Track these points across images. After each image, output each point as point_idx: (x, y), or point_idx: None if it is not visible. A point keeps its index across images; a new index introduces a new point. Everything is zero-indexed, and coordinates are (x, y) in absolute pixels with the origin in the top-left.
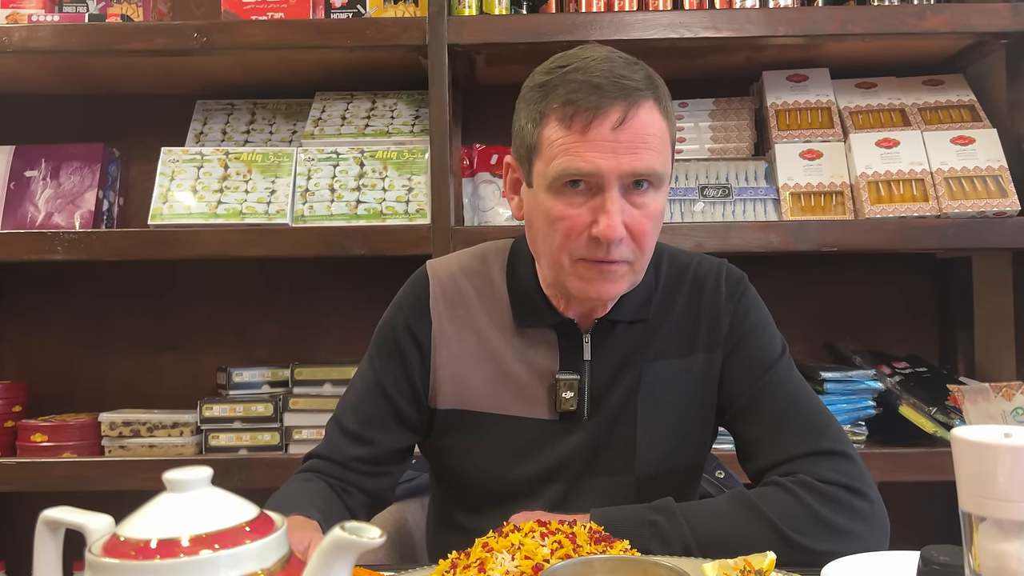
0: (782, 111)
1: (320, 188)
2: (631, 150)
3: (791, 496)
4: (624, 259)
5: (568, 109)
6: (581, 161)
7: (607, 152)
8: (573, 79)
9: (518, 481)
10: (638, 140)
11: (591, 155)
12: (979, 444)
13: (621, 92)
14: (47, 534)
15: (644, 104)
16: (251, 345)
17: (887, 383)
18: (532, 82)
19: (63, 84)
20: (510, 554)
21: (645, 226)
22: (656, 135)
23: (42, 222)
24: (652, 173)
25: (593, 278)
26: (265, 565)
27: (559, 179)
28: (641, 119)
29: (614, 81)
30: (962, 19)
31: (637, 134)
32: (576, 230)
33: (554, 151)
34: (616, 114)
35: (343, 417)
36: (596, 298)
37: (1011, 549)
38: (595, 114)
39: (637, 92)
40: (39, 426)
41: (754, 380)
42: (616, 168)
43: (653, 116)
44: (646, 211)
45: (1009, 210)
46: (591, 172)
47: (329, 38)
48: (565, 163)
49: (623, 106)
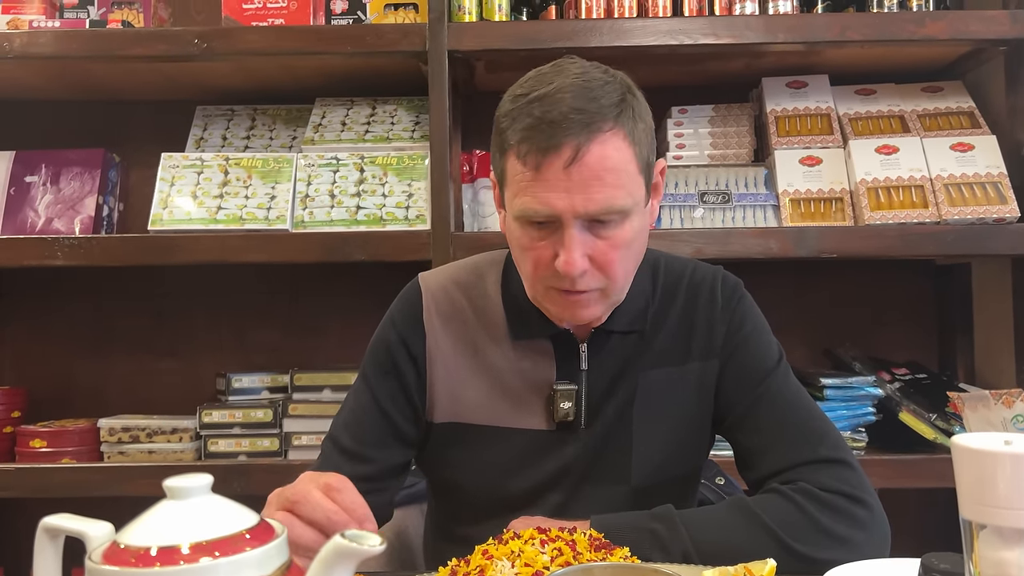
0: (782, 117)
1: (320, 194)
2: (584, 189)
3: (791, 504)
4: (592, 288)
5: (523, 147)
6: (536, 203)
7: (561, 192)
8: (530, 112)
9: (516, 492)
10: (591, 178)
11: (545, 195)
12: (979, 452)
13: (573, 127)
14: (47, 541)
15: (600, 136)
16: (251, 351)
17: (887, 389)
18: (501, 108)
19: (64, 90)
20: (510, 561)
21: (611, 256)
22: (614, 169)
23: (42, 227)
24: (609, 211)
25: (566, 305)
26: (265, 573)
27: (520, 217)
28: (596, 154)
29: (569, 115)
30: (961, 26)
31: (591, 171)
32: (543, 261)
33: (515, 187)
34: (568, 152)
35: (339, 436)
36: (572, 322)
37: (1012, 557)
38: (545, 154)
39: (592, 125)
40: (38, 432)
41: (751, 388)
42: (570, 209)
43: (614, 147)
44: (611, 242)
45: (1008, 216)
46: (546, 214)
47: (329, 44)
48: (523, 204)
49: (574, 144)
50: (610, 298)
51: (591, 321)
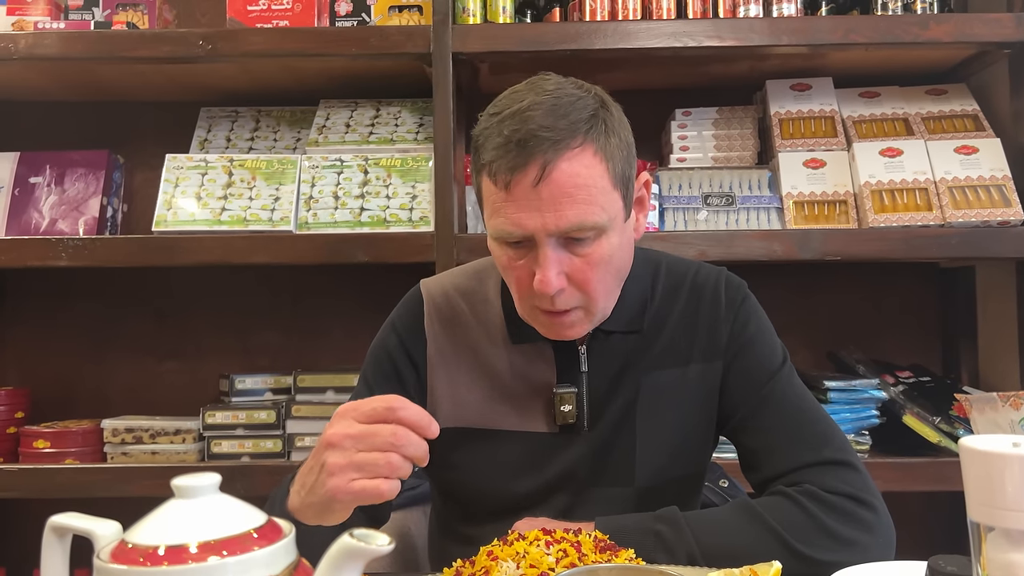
0: (785, 120)
1: (324, 195)
2: (555, 207)
3: (796, 506)
4: (572, 307)
5: (494, 166)
6: (509, 224)
7: (532, 211)
8: (500, 132)
9: (520, 495)
10: (560, 195)
11: (517, 215)
12: (987, 454)
13: (541, 145)
14: (54, 540)
15: (568, 153)
16: (254, 352)
17: (890, 392)
18: (476, 127)
19: (68, 91)
20: (515, 562)
21: (588, 274)
22: (584, 185)
23: (46, 228)
24: (581, 227)
25: (549, 326)
26: (273, 572)
27: (495, 238)
28: (564, 171)
29: (537, 133)
30: (965, 29)
31: (560, 188)
32: (523, 282)
33: (490, 207)
34: (534, 171)
35: None
36: (559, 339)
37: (1020, 559)
38: (513, 173)
39: (561, 143)
40: (41, 432)
41: (756, 390)
42: (542, 227)
43: (583, 163)
44: (588, 259)
45: (1013, 219)
46: (520, 234)
47: (334, 46)
48: (497, 225)
49: (540, 162)
50: (594, 316)
51: (577, 336)
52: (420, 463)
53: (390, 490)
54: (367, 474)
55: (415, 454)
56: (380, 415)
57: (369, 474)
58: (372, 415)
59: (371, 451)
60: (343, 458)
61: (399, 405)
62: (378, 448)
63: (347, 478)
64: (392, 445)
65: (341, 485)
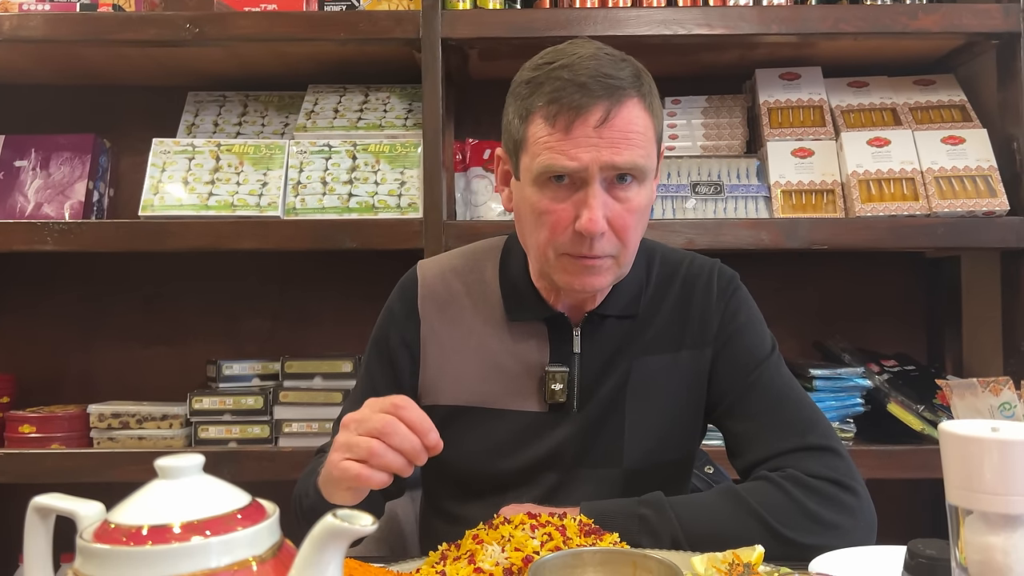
0: (774, 109)
1: (312, 181)
2: (612, 145)
3: (779, 490)
4: (607, 254)
5: (552, 108)
6: (565, 158)
7: (589, 147)
8: (558, 77)
9: (509, 472)
10: (620, 137)
11: (573, 151)
12: (967, 438)
13: (605, 91)
14: (37, 521)
15: (628, 102)
16: (241, 338)
17: (876, 381)
18: (520, 77)
19: (54, 74)
20: (500, 546)
21: (627, 220)
22: (639, 131)
23: (31, 212)
24: (634, 167)
25: (577, 272)
26: (256, 552)
27: (543, 174)
28: (624, 116)
29: (598, 80)
30: (954, 19)
31: (620, 131)
32: (561, 225)
33: (539, 147)
34: (599, 112)
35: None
36: (581, 290)
37: (997, 542)
38: (578, 113)
39: (621, 91)
40: (27, 417)
41: (743, 377)
42: (597, 161)
43: (637, 113)
44: (628, 205)
45: (998, 210)
46: (573, 168)
47: (322, 31)
48: (548, 160)
49: (606, 105)
50: (620, 267)
51: (598, 290)
52: (413, 459)
53: (379, 480)
54: (354, 456)
55: (402, 446)
56: (386, 409)
57: (355, 456)
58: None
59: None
60: (344, 437)
61: (403, 404)
62: (368, 433)
63: (339, 457)
64: (379, 432)
65: (337, 462)
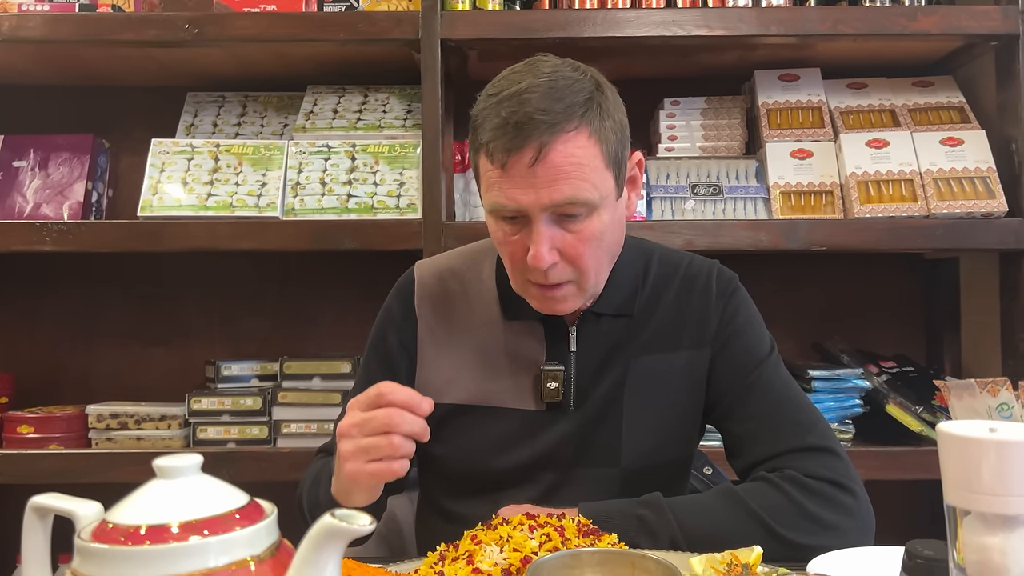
0: (773, 110)
1: (311, 181)
2: (549, 184)
3: (778, 491)
4: (564, 281)
5: (491, 145)
6: (504, 198)
7: (527, 187)
8: (498, 113)
9: (506, 470)
10: (556, 173)
11: (512, 191)
12: (965, 439)
13: (536, 129)
14: (36, 521)
15: (563, 136)
16: (240, 338)
17: (874, 382)
18: (475, 107)
19: (53, 74)
20: (498, 546)
21: (579, 249)
22: (579, 164)
23: (30, 213)
24: (574, 203)
25: (543, 299)
26: (255, 552)
27: (491, 212)
28: (559, 151)
29: (534, 116)
30: (952, 21)
31: (555, 168)
32: (516, 256)
33: (486, 183)
34: (530, 153)
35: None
36: (552, 313)
37: (994, 542)
38: (510, 153)
39: (555, 126)
40: (25, 417)
41: (742, 378)
42: (536, 202)
43: (577, 144)
44: (580, 235)
45: (996, 211)
46: (514, 208)
47: (322, 31)
48: (492, 199)
49: (536, 145)
50: (586, 291)
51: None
52: (421, 439)
53: (401, 468)
54: (375, 456)
55: (412, 430)
56: (374, 402)
57: (376, 456)
58: (368, 403)
59: (373, 435)
60: (352, 445)
61: (387, 390)
62: (377, 431)
63: (360, 463)
64: (388, 427)
65: (356, 469)
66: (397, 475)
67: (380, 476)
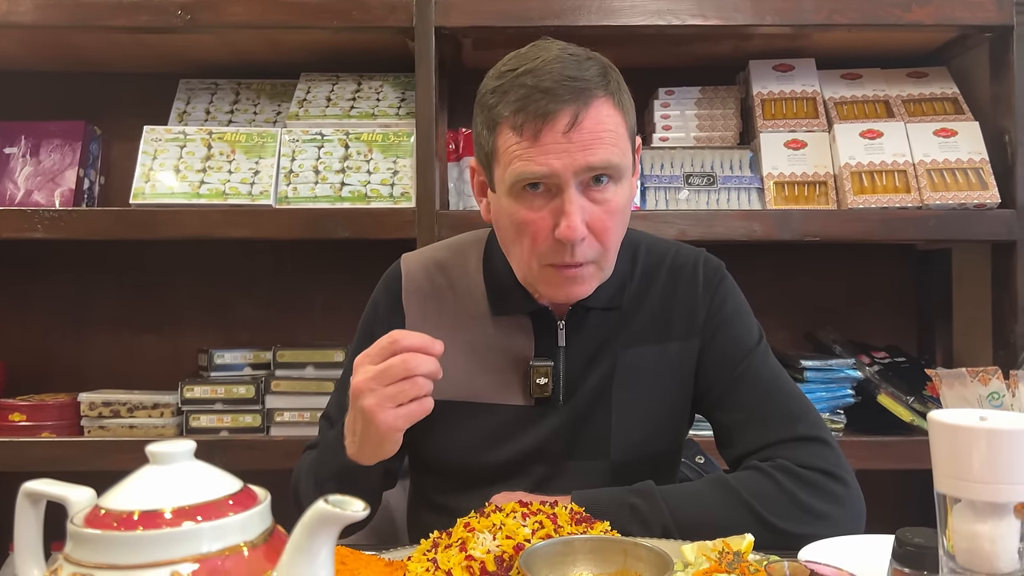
0: (768, 100)
1: (304, 170)
2: (584, 148)
3: (769, 480)
4: (589, 260)
5: (519, 117)
6: (535, 164)
7: (560, 152)
8: (523, 84)
9: (495, 466)
10: (591, 138)
11: (543, 158)
12: (955, 427)
13: (571, 94)
14: (28, 507)
15: (595, 102)
16: (233, 327)
17: (866, 372)
18: (485, 87)
19: (44, 60)
20: (491, 534)
21: (607, 222)
22: (610, 130)
23: (21, 200)
24: (608, 166)
25: (561, 283)
26: (248, 538)
27: (517, 183)
28: (593, 117)
29: (563, 83)
30: (947, 12)
31: (590, 132)
32: (541, 234)
33: (510, 157)
34: (566, 117)
35: (332, 413)
36: (565, 301)
37: (984, 530)
38: (545, 120)
39: (587, 92)
40: (17, 405)
41: (731, 368)
42: (571, 165)
43: (606, 111)
44: (607, 207)
45: (989, 202)
46: (545, 174)
47: (315, 18)
48: (520, 168)
49: (573, 109)
50: (602, 272)
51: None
52: (436, 376)
53: (431, 405)
54: (402, 400)
55: (429, 370)
56: (388, 350)
57: (403, 399)
58: (381, 353)
59: (395, 382)
60: (375, 398)
61: (399, 336)
62: (399, 377)
63: (390, 410)
64: (408, 370)
65: (389, 418)
66: (428, 412)
67: (413, 417)
